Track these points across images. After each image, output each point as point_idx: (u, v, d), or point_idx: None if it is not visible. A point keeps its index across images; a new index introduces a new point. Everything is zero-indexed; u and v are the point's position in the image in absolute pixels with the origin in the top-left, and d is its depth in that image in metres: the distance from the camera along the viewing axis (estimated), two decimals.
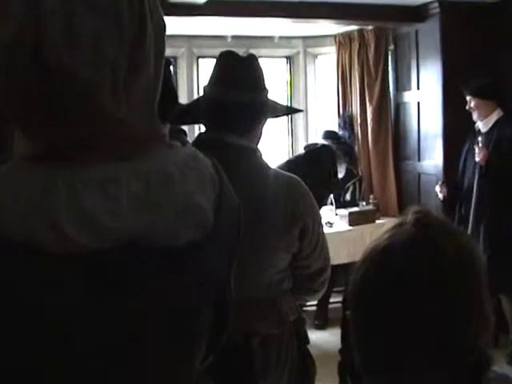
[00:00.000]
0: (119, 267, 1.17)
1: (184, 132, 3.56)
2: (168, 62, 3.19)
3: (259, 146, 2.68)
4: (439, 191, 6.22)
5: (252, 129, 2.61)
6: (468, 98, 5.95)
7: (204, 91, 2.65)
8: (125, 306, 1.20)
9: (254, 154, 2.60)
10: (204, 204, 1.29)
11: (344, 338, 1.88)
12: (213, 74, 2.64)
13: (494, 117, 5.93)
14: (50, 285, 1.13)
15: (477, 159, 5.71)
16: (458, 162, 6.32)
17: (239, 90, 2.54)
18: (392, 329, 1.43)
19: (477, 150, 5.70)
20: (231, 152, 2.48)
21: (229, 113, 2.55)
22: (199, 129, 7.03)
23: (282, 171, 2.70)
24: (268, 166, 2.61)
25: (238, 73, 2.58)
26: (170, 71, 3.32)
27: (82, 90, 1.14)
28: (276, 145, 7.94)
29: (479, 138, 5.70)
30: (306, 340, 2.81)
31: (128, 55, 1.17)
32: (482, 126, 5.98)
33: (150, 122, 1.29)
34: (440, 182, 6.29)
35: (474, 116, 5.97)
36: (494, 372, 1.52)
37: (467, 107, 5.96)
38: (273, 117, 2.76)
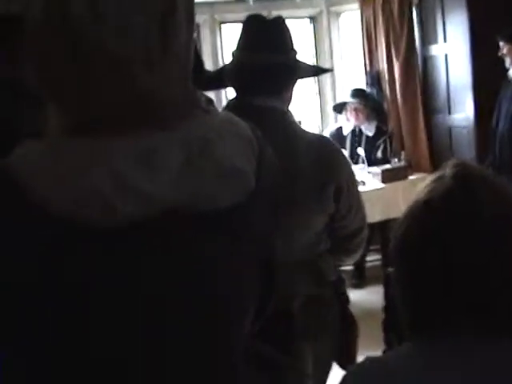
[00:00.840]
0: (165, 234, 1.18)
1: (211, 101, 3.56)
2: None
3: (290, 108, 2.67)
4: None
5: (282, 91, 2.60)
6: (501, 44, 5.86)
7: (232, 56, 2.64)
8: (173, 272, 1.21)
9: (286, 115, 2.59)
10: (245, 167, 1.29)
11: (387, 295, 1.89)
12: (240, 38, 2.62)
13: None
14: (98, 259, 1.13)
15: None
16: (488, 113, 6.27)
17: (267, 53, 2.53)
18: (436, 281, 1.43)
19: None
20: (262, 115, 2.47)
21: (258, 76, 2.53)
22: (226, 98, 7.04)
23: (314, 133, 2.69)
24: (300, 128, 2.61)
25: (265, 35, 2.56)
26: (196, 39, 3.32)
27: (113, 63, 1.14)
28: (305, 105, 7.92)
29: None
30: (347, 300, 2.82)
31: (159, 22, 1.17)
32: None
33: (185, 89, 1.28)
34: None
35: (507, 62, 5.89)
36: None
37: (499, 53, 5.88)
38: (302, 78, 2.75)
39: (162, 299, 1.21)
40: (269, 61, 2.52)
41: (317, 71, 3.42)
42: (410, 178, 7.05)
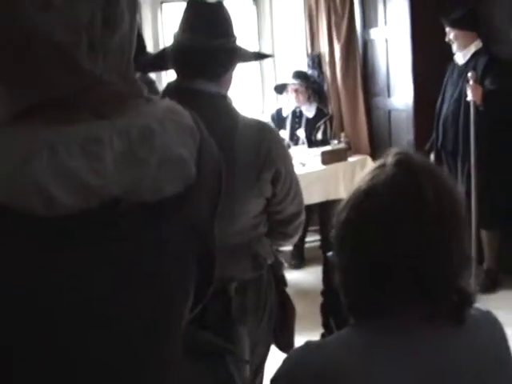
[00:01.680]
0: (107, 225, 1.18)
1: (153, 82, 3.55)
2: None
3: (229, 92, 2.68)
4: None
5: (221, 75, 2.60)
6: (447, 29, 5.93)
7: (173, 38, 2.62)
8: (114, 262, 1.21)
9: (224, 100, 2.59)
10: (186, 156, 1.29)
11: (326, 279, 1.91)
12: (181, 21, 2.61)
13: (473, 48, 5.91)
14: (40, 247, 1.13)
15: (469, 98, 5.60)
16: (427, 97, 6.36)
17: (207, 37, 2.53)
18: (376, 268, 1.45)
19: (468, 87, 5.61)
20: (201, 99, 2.48)
21: (197, 59, 2.54)
22: (166, 79, 6.99)
23: (252, 117, 2.70)
24: (238, 112, 2.61)
25: (206, 19, 2.56)
26: (137, 19, 3.29)
27: (58, 51, 1.13)
28: (246, 85, 7.90)
29: (469, 74, 5.60)
30: (284, 283, 2.85)
31: (103, 11, 1.16)
32: (460, 57, 5.98)
33: (128, 78, 1.28)
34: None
35: (454, 48, 5.96)
36: (477, 309, 1.55)
37: (446, 39, 5.94)
38: (241, 62, 2.75)
39: (101, 288, 1.20)
40: (209, 44, 2.52)
41: (257, 56, 3.43)
42: (350, 159, 7.11)
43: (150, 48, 6.43)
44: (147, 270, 1.26)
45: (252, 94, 8.17)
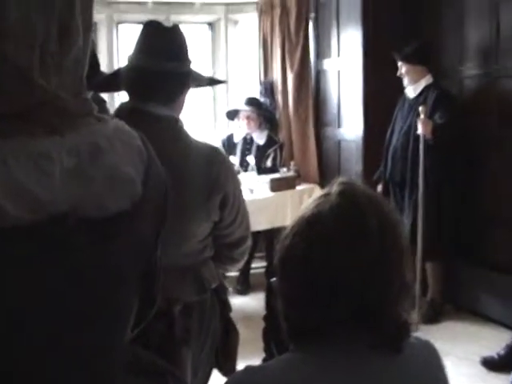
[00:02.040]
0: (52, 239, 1.18)
1: (104, 101, 3.54)
2: None
3: (181, 115, 2.69)
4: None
5: (174, 98, 2.61)
6: (399, 63, 6.04)
7: (128, 60, 2.63)
8: (57, 277, 1.21)
9: (176, 123, 2.59)
10: (133, 175, 1.31)
11: (268, 305, 1.92)
12: (136, 43, 2.62)
13: (423, 83, 6.04)
14: None
15: (420, 132, 5.71)
16: (377, 128, 6.45)
17: (162, 60, 2.54)
18: (318, 293, 1.47)
19: (419, 122, 5.72)
20: (152, 121, 2.48)
21: (151, 82, 2.54)
22: (119, 99, 6.98)
23: (203, 142, 2.71)
24: (189, 136, 2.62)
25: (161, 42, 2.57)
26: (92, 38, 3.29)
27: (11, 65, 1.14)
28: (198, 110, 7.92)
29: (420, 108, 5.72)
30: (229, 308, 2.85)
31: (59, 28, 1.18)
32: (410, 91, 6.09)
33: (80, 95, 1.29)
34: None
35: (405, 81, 6.07)
36: (415, 338, 1.58)
37: (398, 73, 6.05)
38: (195, 87, 2.77)
39: (45, 302, 1.21)
40: (163, 68, 2.53)
41: (211, 82, 3.45)
42: (298, 187, 7.16)
43: (105, 68, 6.42)
44: (91, 285, 1.27)
45: (204, 119, 8.19)
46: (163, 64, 2.53)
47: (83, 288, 1.25)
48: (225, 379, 1.85)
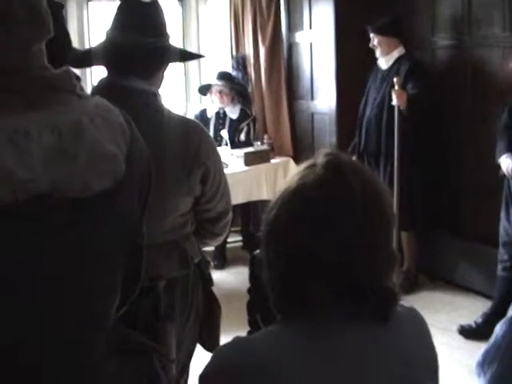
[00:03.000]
0: (34, 219, 1.18)
1: (78, 78, 3.50)
2: (60, 6, 3.13)
3: (160, 90, 2.68)
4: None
5: (153, 73, 2.61)
6: (371, 35, 6.04)
7: (105, 35, 2.61)
8: (41, 256, 1.21)
9: (155, 97, 2.59)
10: (116, 153, 1.30)
11: (252, 277, 1.92)
12: (114, 18, 2.60)
13: (396, 54, 6.05)
14: None
15: (394, 103, 5.74)
16: (350, 101, 6.46)
17: (140, 35, 2.53)
18: (304, 264, 1.48)
19: (393, 92, 5.74)
20: (131, 96, 2.47)
21: (129, 57, 2.53)
22: (91, 76, 6.93)
23: (184, 116, 2.71)
24: (168, 111, 2.62)
25: (139, 17, 2.56)
26: (63, 16, 3.25)
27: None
28: (170, 85, 7.87)
29: (395, 80, 5.75)
30: (211, 282, 2.86)
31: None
32: (383, 62, 6.11)
33: (58, 72, 1.28)
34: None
35: (377, 53, 6.08)
36: (401, 306, 1.59)
37: (370, 44, 6.07)
38: (173, 61, 2.76)
39: (25, 280, 1.20)
40: (141, 42, 2.52)
41: (189, 56, 3.43)
42: (272, 161, 7.17)
43: (76, 45, 6.35)
44: (73, 263, 1.26)
45: (176, 94, 8.15)
46: (141, 39, 2.52)
47: (64, 266, 1.25)
48: (209, 354, 1.86)
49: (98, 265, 1.32)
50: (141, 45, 2.52)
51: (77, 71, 3.62)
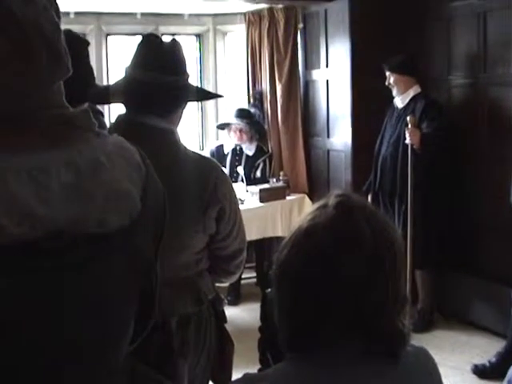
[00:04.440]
0: (52, 255, 1.19)
1: (101, 113, 3.54)
2: (86, 43, 3.17)
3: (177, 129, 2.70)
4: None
5: (171, 111, 2.63)
6: (387, 73, 6.08)
7: (125, 72, 2.64)
8: (59, 293, 1.22)
9: (173, 136, 2.61)
10: (132, 191, 1.32)
11: (263, 315, 1.93)
12: (135, 55, 2.62)
13: (411, 93, 6.09)
14: None
15: (408, 141, 5.78)
16: (365, 138, 6.47)
17: (160, 73, 2.55)
18: (313, 304, 1.49)
19: (407, 131, 5.78)
20: (149, 134, 2.49)
21: (149, 95, 2.55)
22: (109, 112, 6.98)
23: (201, 154, 2.72)
24: (186, 148, 2.63)
25: (159, 56, 2.59)
26: (88, 52, 3.30)
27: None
28: (186, 121, 7.91)
29: (408, 118, 5.80)
30: (224, 319, 2.85)
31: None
32: (399, 101, 6.14)
33: (78, 111, 1.31)
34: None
35: (394, 92, 6.12)
36: (411, 346, 1.59)
37: (386, 83, 6.10)
38: (192, 101, 2.78)
39: (43, 315, 1.22)
40: (161, 81, 2.54)
41: (208, 95, 3.45)
42: (288, 198, 7.18)
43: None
44: (89, 299, 1.27)
45: (192, 129, 8.19)
46: (161, 77, 2.54)
47: (81, 300, 1.26)
48: None
49: (113, 300, 1.33)
50: (161, 83, 2.54)
51: (99, 107, 3.67)
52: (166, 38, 2.70)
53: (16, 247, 1.14)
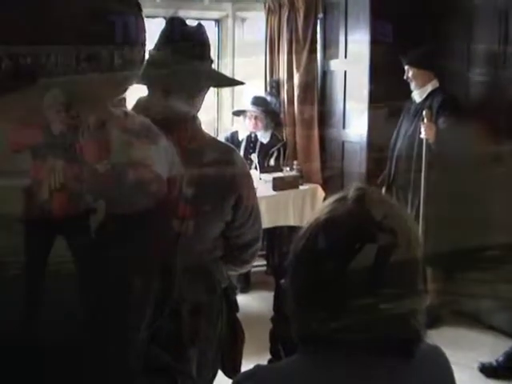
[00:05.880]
0: (86, 231, 1.20)
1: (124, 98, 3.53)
2: None
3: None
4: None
5: (194, 96, 2.63)
6: (406, 67, 6.05)
7: (149, 54, 2.62)
8: (86, 268, 1.23)
9: (194, 121, 2.60)
10: (160, 173, 1.32)
11: (276, 306, 1.92)
12: (159, 38, 2.62)
13: (429, 87, 6.06)
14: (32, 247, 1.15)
15: (423, 136, 5.77)
16: (381, 131, 6.45)
17: (184, 57, 2.54)
18: (330, 299, 1.48)
19: (423, 125, 5.77)
20: (173, 118, 2.48)
21: (173, 78, 2.54)
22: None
23: (220, 140, 2.71)
24: (206, 134, 2.63)
25: (184, 39, 2.58)
26: None
27: None
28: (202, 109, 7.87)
29: (424, 112, 5.78)
30: (236, 308, 2.85)
31: None
32: (417, 95, 6.11)
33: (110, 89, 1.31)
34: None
35: (412, 85, 6.09)
36: (425, 343, 1.58)
37: (405, 77, 6.08)
38: (215, 86, 2.78)
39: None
40: (186, 64, 2.53)
41: (230, 82, 3.44)
42: (301, 187, 7.14)
43: None
44: (111, 276, 1.28)
45: (207, 114, 8.18)
46: (186, 61, 2.53)
47: (109, 280, 1.27)
48: (228, 380, 1.85)
49: (136, 276, 1.34)
50: (185, 67, 2.54)
51: None
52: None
53: (48, 224, 1.17)
